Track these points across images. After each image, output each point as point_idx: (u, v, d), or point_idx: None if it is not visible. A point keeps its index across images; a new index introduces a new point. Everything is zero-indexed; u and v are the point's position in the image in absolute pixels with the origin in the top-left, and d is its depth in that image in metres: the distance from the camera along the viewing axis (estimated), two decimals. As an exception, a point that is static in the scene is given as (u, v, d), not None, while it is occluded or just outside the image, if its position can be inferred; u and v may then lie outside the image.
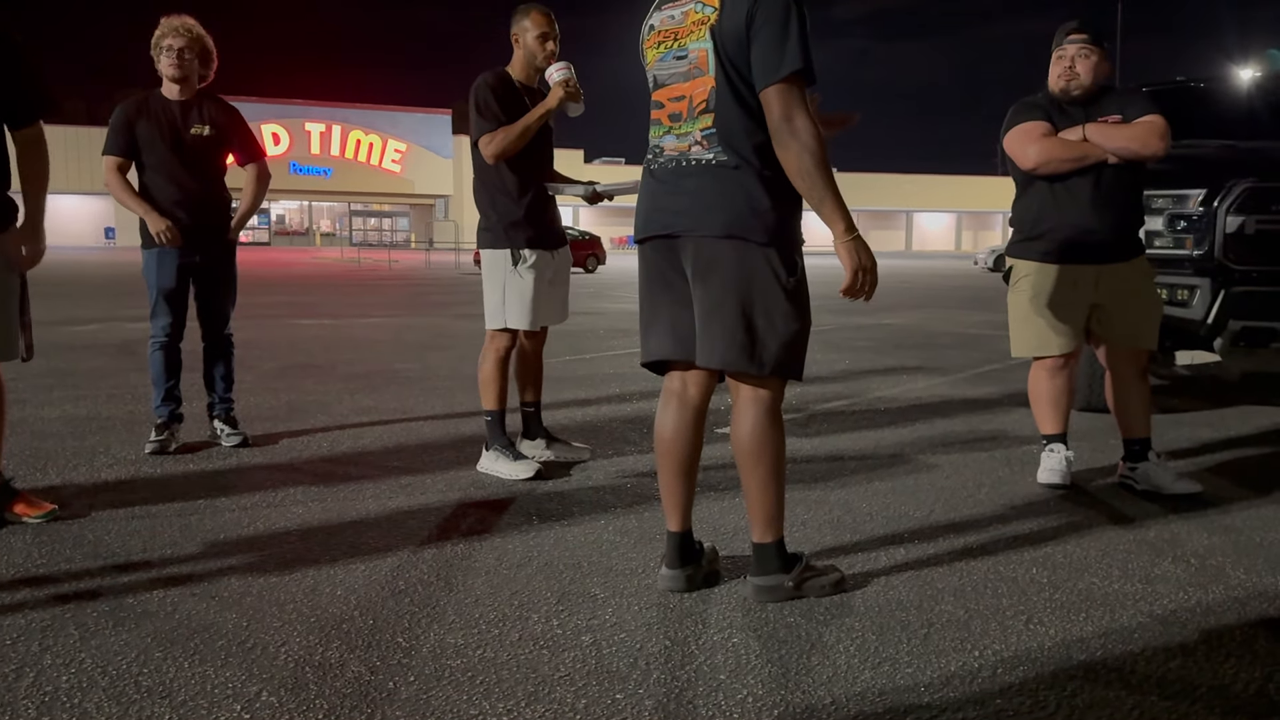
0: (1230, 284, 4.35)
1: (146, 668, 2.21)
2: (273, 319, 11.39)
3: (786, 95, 2.37)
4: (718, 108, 2.48)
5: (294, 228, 68.21)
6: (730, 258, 2.47)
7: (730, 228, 2.46)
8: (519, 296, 3.95)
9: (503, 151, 3.83)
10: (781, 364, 2.53)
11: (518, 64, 4.00)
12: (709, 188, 2.49)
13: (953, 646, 2.37)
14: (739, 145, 2.46)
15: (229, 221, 4.46)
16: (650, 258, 2.69)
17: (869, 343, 9.41)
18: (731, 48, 2.43)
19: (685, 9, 2.52)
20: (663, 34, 2.59)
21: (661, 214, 2.59)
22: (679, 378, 2.71)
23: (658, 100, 2.62)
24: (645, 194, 2.66)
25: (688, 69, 2.52)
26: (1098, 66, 3.73)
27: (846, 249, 2.43)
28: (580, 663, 2.26)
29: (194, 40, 4.25)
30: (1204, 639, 2.43)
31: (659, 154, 2.62)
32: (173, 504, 3.53)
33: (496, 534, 3.23)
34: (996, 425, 5.14)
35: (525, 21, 3.96)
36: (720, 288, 2.50)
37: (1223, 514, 3.50)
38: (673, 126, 2.58)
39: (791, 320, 2.51)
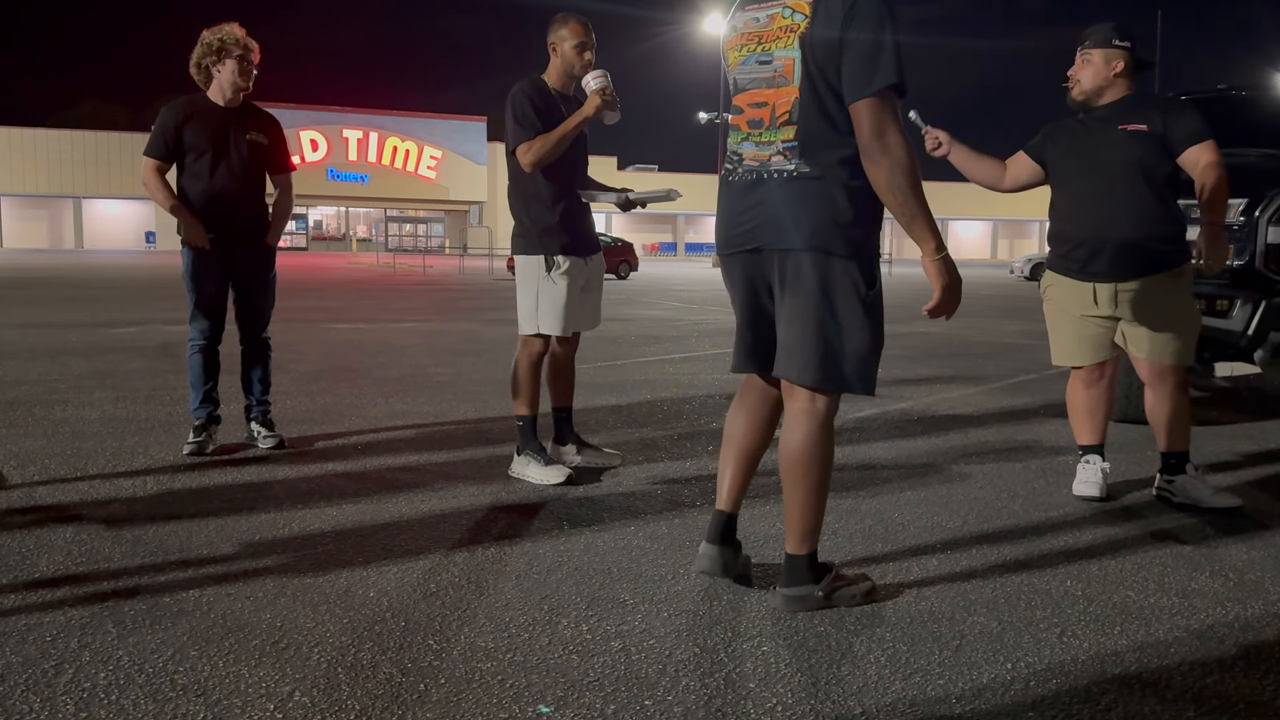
0: (1271, 295, 4.29)
1: (182, 665, 2.24)
2: (309, 323, 11.51)
3: (879, 109, 2.32)
4: (801, 120, 2.43)
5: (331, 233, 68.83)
6: (813, 270, 2.44)
7: (813, 240, 2.42)
8: (552, 302, 3.97)
9: (540, 160, 3.85)
10: (854, 380, 2.50)
11: (554, 72, 4.02)
12: (791, 200, 2.44)
13: (985, 658, 2.35)
14: (824, 157, 2.42)
15: (268, 227, 4.52)
16: (736, 270, 2.64)
17: (904, 351, 9.35)
18: (822, 58, 2.37)
19: (771, 12, 2.46)
20: (746, 36, 2.54)
21: (744, 228, 2.55)
22: (757, 383, 2.74)
23: (737, 105, 2.58)
24: (724, 207, 2.63)
25: (771, 75, 2.47)
26: (1101, 69, 3.68)
27: (936, 267, 2.40)
28: (609, 668, 2.27)
29: (254, 51, 4.35)
30: (1242, 654, 2.39)
31: (738, 163, 2.58)
32: (209, 504, 3.58)
33: (527, 538, 3.24)
34: (1032, 435, 5.09)
35: (563, 30, 3.97)
36: (803, 301, 2.46)
37: (1262, 528, 3.44)
38: (751, 133, 2.53)
39: (867, 334, 2.48)
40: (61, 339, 9.08)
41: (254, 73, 4.38)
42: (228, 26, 4.32)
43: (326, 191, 63.18)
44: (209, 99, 4.36)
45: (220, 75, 4.31)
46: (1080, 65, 3.73)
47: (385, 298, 17.81)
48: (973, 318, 14.71)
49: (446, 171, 66.24)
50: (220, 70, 4.31)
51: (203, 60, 4.31)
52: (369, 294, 18.95)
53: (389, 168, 65.07)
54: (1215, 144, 3.56)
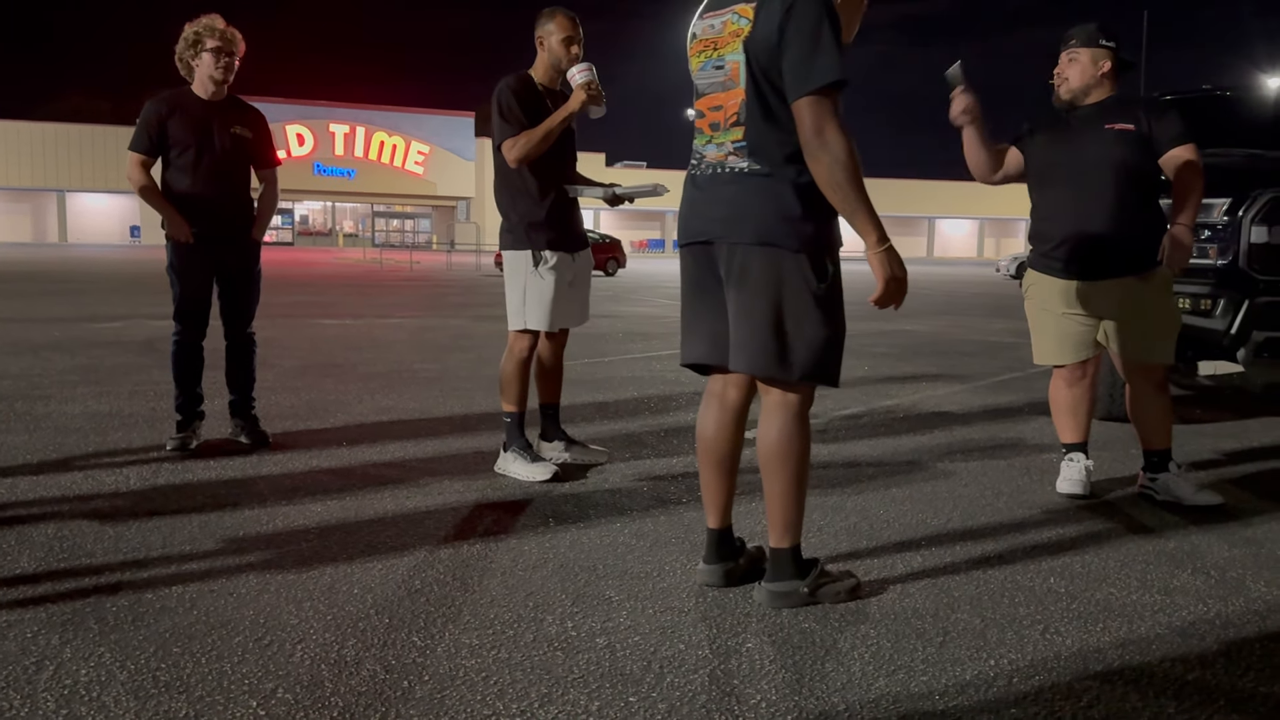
0: (1254, 295, 4.32)
1: (165, 663, 2.23)
2: (294, 318, 11.47)
3: (818, 107, 2.36)
4: (748, 121, 2.49)
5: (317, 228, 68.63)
6: (762, 265, 2.49)
7: (762, 235, 2.47)
8: (539, 298, 3.97)
9: (526, 156, 3.85)
10: (812, 370, 2.53)
11: (540, 66, 4.02)
12: (742, 196, 2.50)
13: (969, 655, 2.36)
14: (771, 155, 2.47)
15: (253, 222, 4.50)
16: (689, 263, 2.71)
17: (889, 349, 9.37)
18: (764, 59, 2.43)
19: (724, 19, 2.53)
20: (704, 43, 2.60)
21: (699, 220, 2.61)
22: (720, 380, 2.75)
23: (699, 109, 2.65)
24: (685, 201, 2.69)
25: (724, 80, 2.54)
26: (1088, 68, 3.70)
27: (879, 259, 2.42)
28: (594, 665, 2.27)
29: (233, 43, 4.30)
30: (1223, 651, 2.41)
31: (700, 161, 2.64)
32: (192, 501, 3.56)
33: (513, 535, 3.24)
34: (1016, 434, 5.12)
35: (550, 25, 3.97)
36: (751, 294, 2.52)
37: (1244, 526, 3.47)
38: (713, 136, 2.60)
39: (822, 326, 2.51)
40: (44, 334, 9.02)
41: (234, 66, 4.33)
42: (207, 18, 4.28)
43: (313, 186, 62.97)
44: (193, 93, 4.33)
45: (199, 68, 4.29)
46: (1066, 64, 3.74)
47: (372, 293, 17.76)
48: (958, 316, 14.77)
49: (434, 167, 66.10)
50: (198, 63, 4.28)
51: (183, 54, 4.28)
52: (355, 289, 18.89)
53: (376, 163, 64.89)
54: (1197, 147, 3.60)
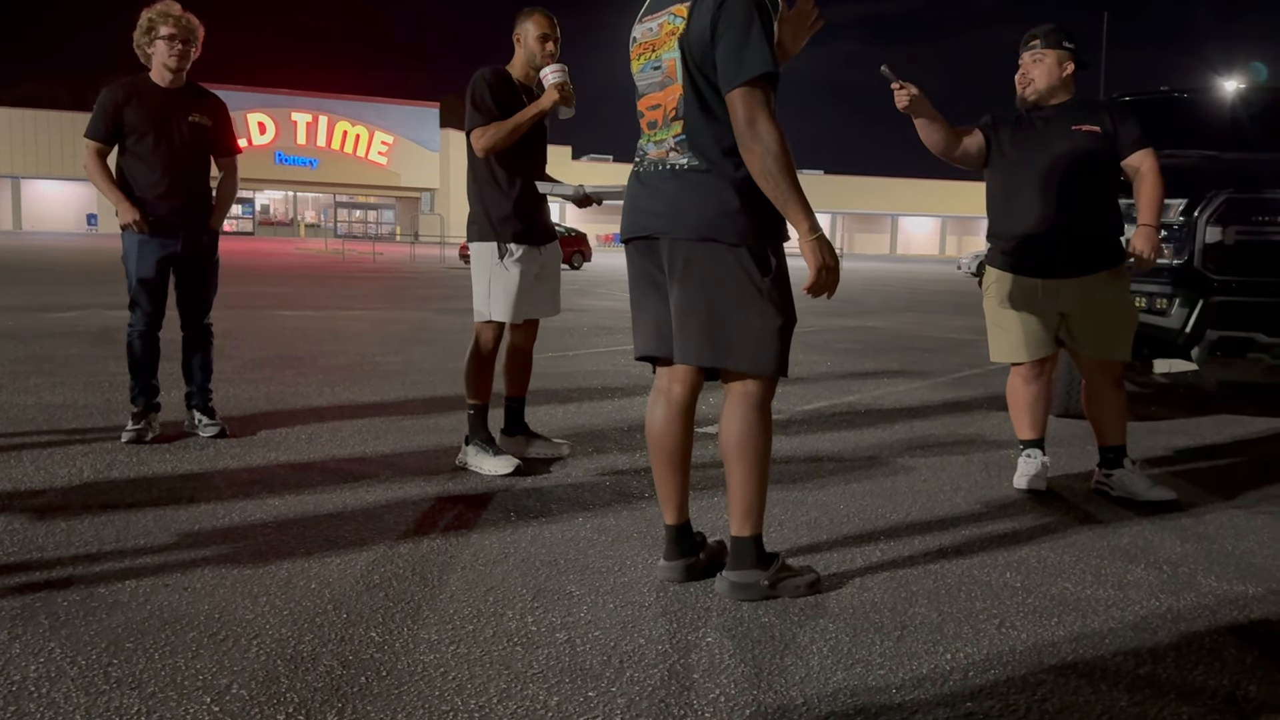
0: (1208, 294, 4.39)
1: (117, 658, 2.19)
2: (254, 309, 11.33)
3: (749, 99, 2.41)
4: (686, 114, 2.54)
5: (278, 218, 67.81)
6: (703, 259, 2.54)
7: (703, 230, 2.52)
8: (504, 289, 3.97)
9: (493, 146, 3.87)
10: (759, 360, 2.56)
11: (518, 63, 4.07)
12: (683, 192, 2.55)
13: (925, 649, 2.38)
14: (708, 150, 2.53)
15: (211, 211, 4.43)
16: (634, 257, 2.76)
17: (851, 345, 9.44)
18: (698, 55, 2.49)
19: (660, 20, 2.59)
20: (643, 46, 2.67)
21: (641, 216, 2.67)
22: (665, 374, 2.78)
23: (640, 110, 2.71)
24: (629, 196, 2.75)
25: (661, 79, 2.60)
26: (1054, 69, 3.74)
27: (810, 248, 2.47)
28: (554, 660, 2.26)
29: (190, 29, 4.23)
30: (1174, 645, 2.45)
31: (644, 158, 2.70)
32: (147, 494, 3.51)
33: (474, 530, 3.22)
34: (975, 429, 5.17)
35: (528, 24, 4.03)
36: (694, 288, 2.57)
37: (1196, 522, 3.53)
38: (652, 135, 2.65)
39: (768, 318, 2.54)
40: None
41: (190, 53, 4.25)
42: (162, 4, 4.21)
43: (274, 176, 62.21)
44: (150, 80, 4.26)
45: (154, 56, 4.22)
46: (1032, 64, 3.77)
47: (333, 285, 17.60)
48: (920, 313, 14.90)
49: (398, 157, 65.56)
50: (153, 51, 4.21)
51: (139, 40, 4.21)
52: (316, 281, 18.70)
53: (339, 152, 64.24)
54: (1155, 151, 3.68)
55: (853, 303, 16.41)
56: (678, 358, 2.66)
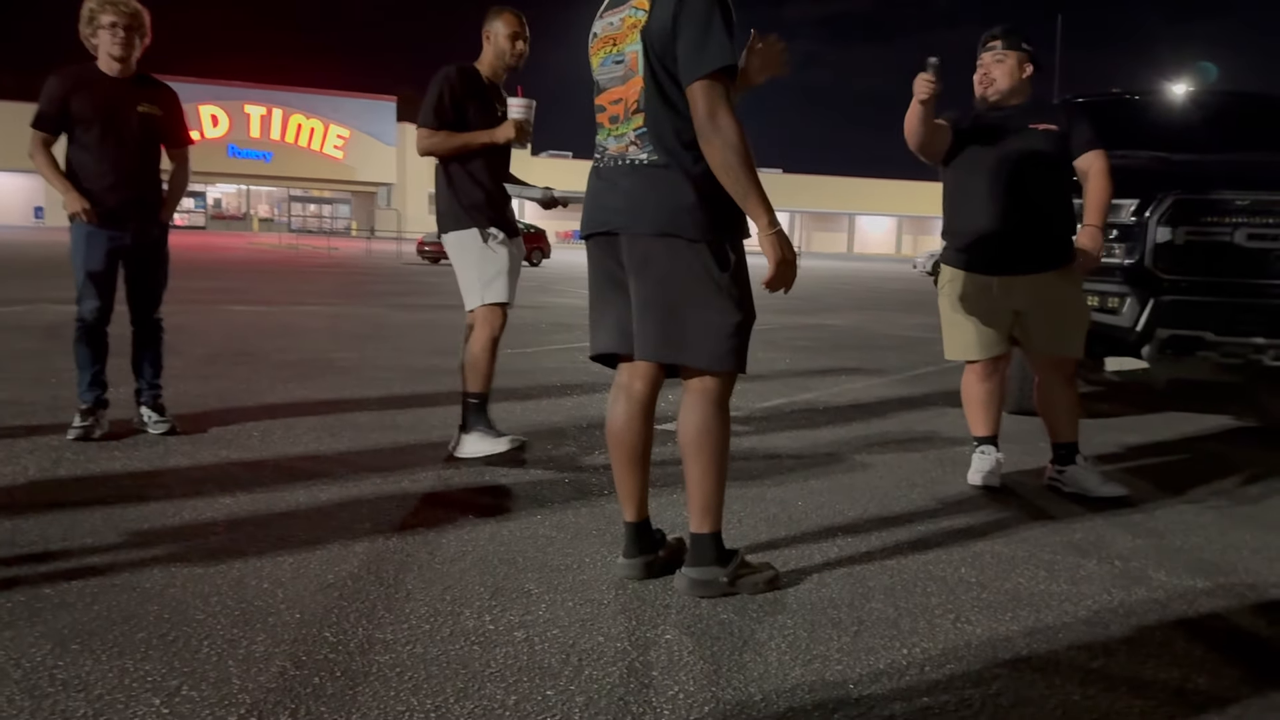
0: (1159, 293, 4.46)
1: (63, 660, 2.14)
2: (205, 304, 11.15)
3: (710, 92, 2.42)
4: (647, 107, 2.53)
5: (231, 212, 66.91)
6: (662, 254, 2.53)
7: (662, 225, 2.52)
8: (497, 270, 4.01)
9: (430, 152, 3.98)
10: (717, 357, 2.56)
11: (486, 60, 4.11)
12: (642, 187, 2.55)
13: (882, 644, 2.39)
14: (669, 143, 2.52)
15: (162, 203, 4.35)
16: (594, 253, 2.75)
17: (809, 343, 9.49)
18: (659, 48, 2.48)
19: (622, 15, 2.58)
20: (603, 40, 2.66)
21: (602, 211, 2.66)
22: (626, 371, 2.77)
23: (600, 104, 2.69)
24: (590, 192, 2.74)
25: (623, 72, 2.59)
26: (1015, 69, 3.79)
27: (770, 242, 2.49)
28: (512, 659, 2.24)
29: (134, 16, 4.14)
30: (1126, 639, 2.48)
31: (604, 154, 2.69)
32: (95, 492, 3.43)
33: (430, 528, 3.19)
34: (930, 426, 5.22)
35: (497, 22, 4.07)
36: (653, 283, 2.56)
37: (1147, 517, 3.59)
38: (613, 129, 2.64)
39: (727, 314, 2.54)
40: (-62, 317, 8.62)
41: (136, 42, 4.16)
42: None
43: (227, 169, 61.34)
44: (98, 69, 4.17)
45: (99, 45, 4.13)
46: (993, 65, 3.80)
47: (287, 280, 17.38)
48: (877, 311, 15.03)
49: (354, 151, 64.93)
50: (97, 40, 4.12)
51: (83, 30, 4.12)
52: (270, 275, 18.46)
53: (293, 146, 63.49)
54: (1106, 153, 3.74)
55: (811, 300, 16.51)
56: (638, 354, 2.65)
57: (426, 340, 8.48)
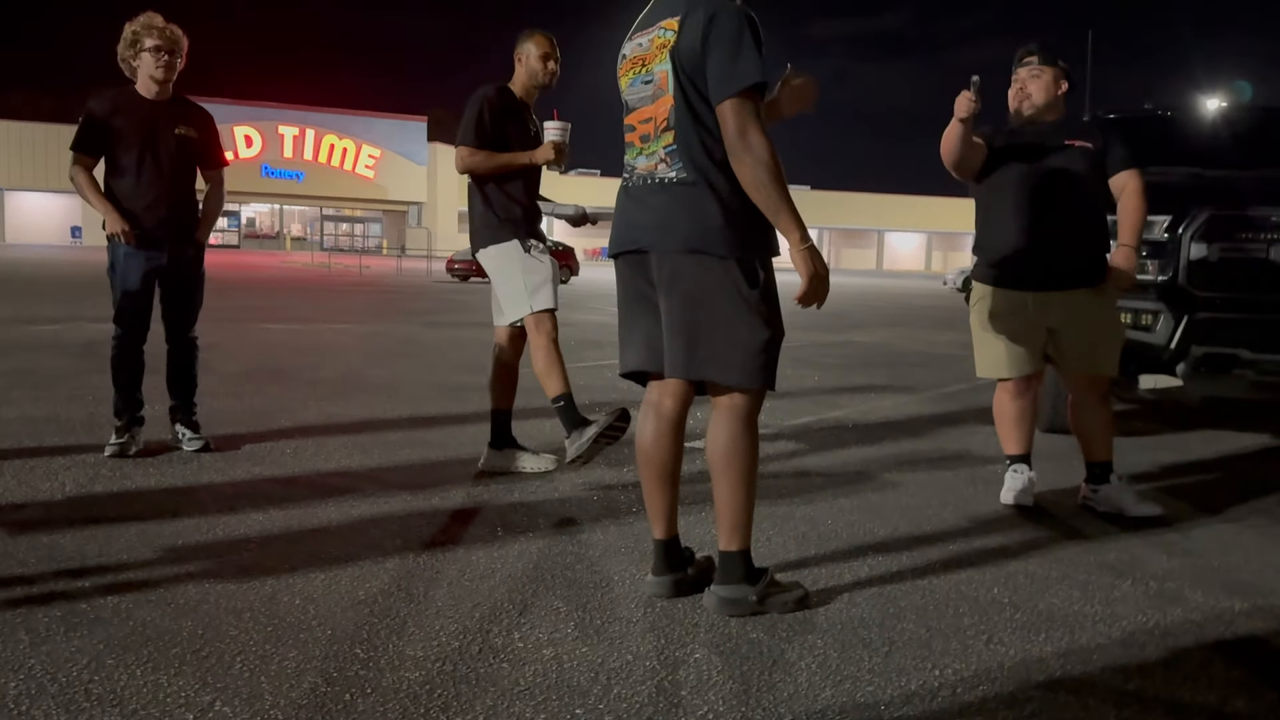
0: (1193, 310, 4.41)
1: (98, 675, 2.17)
2: (239, 322, 11.28)
3: (740, 109, 2.43)
4: (677, 125, 2.55)
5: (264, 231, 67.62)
6: (692, 272, 2.54)
7: (691, 243, 2.53)
8: (543, 277, 4.04)
9: (471, 171, 4.01)
10: (748, 374, 2.57)
11: (519, 81, 4.17)
12: (672, 205, 2.57)
13: (914, 665, 2.37)
14: (699, 161, 2.54)
15: (198, 223, 4.41)
16: (624, 272, 2.77)
17: (838, 360, 9.45)
18: (689, 66, 2.51)
19: (651, 36, 2.61)
20: (633, 61, 2.69)
21: (631, 229, 2.68)
22: (656, 389, 2.77)
23: (630, 124, 2.72)
24: (619, 210, 2.76)
25: (653, 91, 2.61)
26: (1050, 85, 3.76)
27: (802, 257, 2.49)
28: (541, 676, 2.25)
29: (175, 40, 4.22)
30: (1162, 661, 2.44)
31: (632, 173, 2.71)
32: (130, 508, 3.48)
33: (460, 545, 3.20)
34: (961, 445, 5.18)
35: (529, 44, 4.14)
36: (683, 301, 2.57)
37: (1182, 537, 3.54)
38: (644, 148, 2.66)
39: (756, 331, 2.55)
40: (-21, 335, 8.77)
41: (176, 65, 4.24)
42: (146, 16, 4.21)
43: (260, 189, 62.03)
44: (137, 92, 4.25)
45: (140, 68, 4.20)
46: (1030, 80, 3.78)
47: (319, 298, 17.54)
48: (907, 328, 14.95)
49: (385, 171, 65.50)
50: (139, 63, 4.20)
51: (123, 53, 4.21)
52: (302, 294, 18.64)
53: (326, 165, 64.13)
54: (1141, 172, 3.71)
55: (840, 317, 16.44)
56: (668, 371, 2.66)
57: (457, 358, 8.53)
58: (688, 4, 2.52)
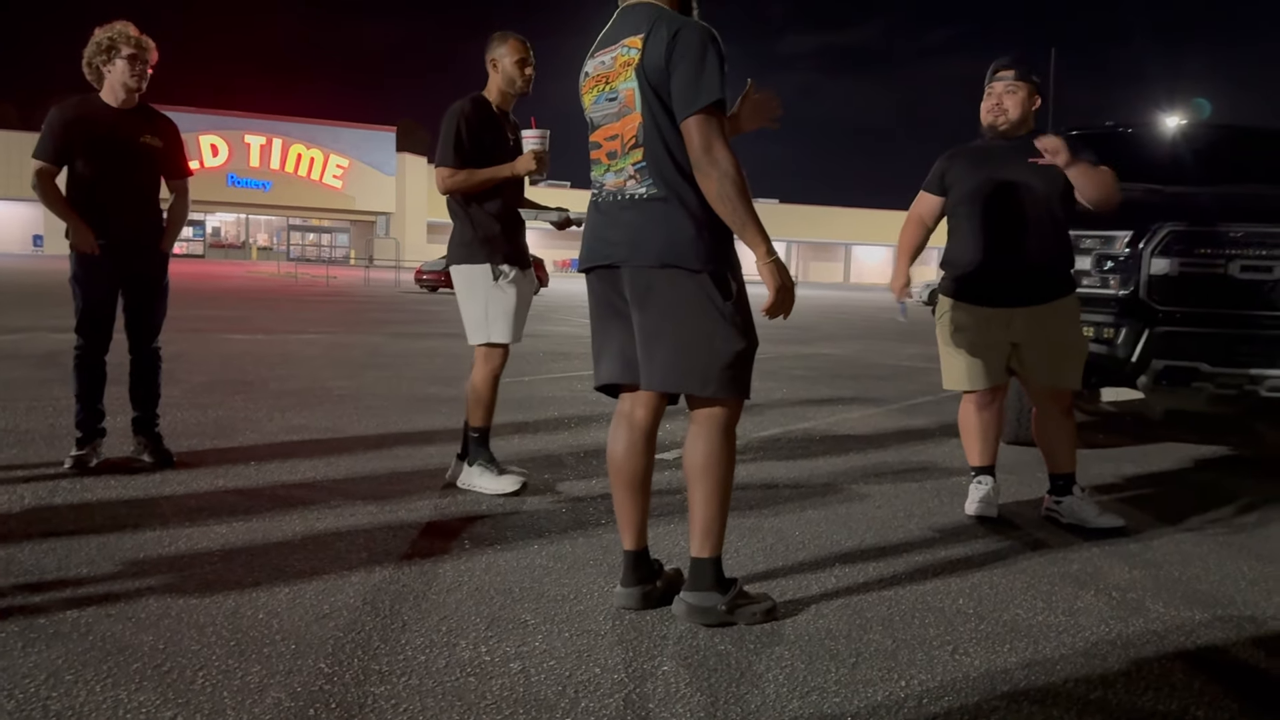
0: (1154, 324, 4.48)
1: (56, 690, 2.13)
2: (203, 333, 11.16)
3: (705, 125, 2.47)
4: (646, 141, 2.58)
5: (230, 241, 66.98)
6: (665, 285, 2.57)
7: (664, 257, 2.55)
8: (503, 310, 4.00)
9: (455, 190, 3.95)
10: (724, 384, 2.59)
11: (494, 89, 4.09)
12: (643, 221, 2.59)
13: (880, 676, 2.38)
14: (669, 176, 2.56)
15: (162, 233, 4.37)
16: (595, 286, 2.78)
17: (806, 372, 9.50)
18: (655, 83, 2.54)
19: (614, 54, 2.63)
20: (596, 79, 2.71)
21: (602, 244, 2.69)
22: (628, 400, 2.79)
23: (595, 141, 2.74)
24: (589, 225, 2.78)
25: (618, 109, 2.63)
26: (1025, 101, 3.82)
27: (768, 270, 2.52)
28: (508, 690, 2.23)
29: (147, 50, 4.19)
30: (1124, 671, 2.47)
31: (601, 189, 2.73)
32: (91, 521, 3.43)
33: (427, 558, 3.18)
34: (927, 456, 5.22)
35: (503, 48, 4.05)
36: (656, 314, 2.59)
37: (1144, 548, 3.58)
38: (611, 164, 2.68)
39: (731, 342, 2.57)
40: (-65, 345, 8.62)
41: (148, 73, 4.22)
42: (120, 24, 4.17)
43: (226, 198, 61.48)
44: (101, 100, 4.20)
45: (111, 75, 4.16)
46: (1006, 95, 3.82)
47: (285, 308, 17.39)
48: (873, 340, 15.05)
49: (353, 181, 65.13)
50: (111, 70, 4.15)
51: (93, 59, 4.15)
52: (268, 304, 18.48)
53: (293, 175, 63.67)
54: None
55: (808, 330, 16.53)
56: (644, 384, 2.67)
57: (424, 369, 8.48)
58: (651, 21, 2.55)
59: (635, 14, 2.61)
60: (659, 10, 2.58)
